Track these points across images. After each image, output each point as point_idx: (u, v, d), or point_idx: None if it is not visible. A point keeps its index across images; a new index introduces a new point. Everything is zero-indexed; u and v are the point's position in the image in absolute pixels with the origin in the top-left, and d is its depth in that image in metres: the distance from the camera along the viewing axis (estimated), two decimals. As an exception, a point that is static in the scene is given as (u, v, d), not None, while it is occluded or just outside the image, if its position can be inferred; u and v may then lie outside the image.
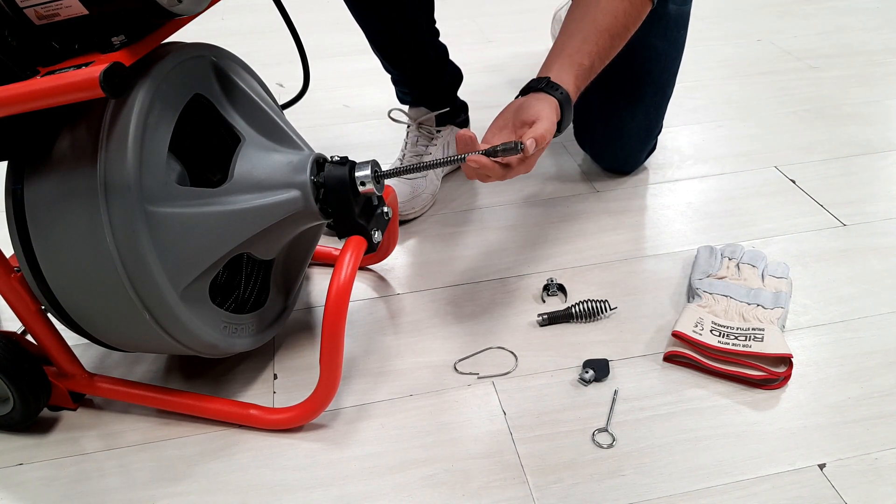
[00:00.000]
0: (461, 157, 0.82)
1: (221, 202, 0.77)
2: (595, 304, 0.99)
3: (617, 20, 0.91)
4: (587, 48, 0.91)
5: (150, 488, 0.81)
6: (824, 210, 1.20)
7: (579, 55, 0.90)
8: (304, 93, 0.98)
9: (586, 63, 0.91)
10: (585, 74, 0.91)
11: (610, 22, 0.91)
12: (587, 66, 0.91)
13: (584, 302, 1.00)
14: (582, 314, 0.99)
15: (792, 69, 1.68)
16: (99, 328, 0.80)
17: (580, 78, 0.90)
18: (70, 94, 0.63)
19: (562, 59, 0.91)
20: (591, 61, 0.91)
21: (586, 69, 0.91)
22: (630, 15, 0.92)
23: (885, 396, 0.86)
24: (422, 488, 0.79)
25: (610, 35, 0.91)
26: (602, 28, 0.91)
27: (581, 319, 0.99)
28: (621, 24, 0.92)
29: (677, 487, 0.77)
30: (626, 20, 0.92)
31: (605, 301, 1.00)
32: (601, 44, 0.91)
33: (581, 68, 0.90)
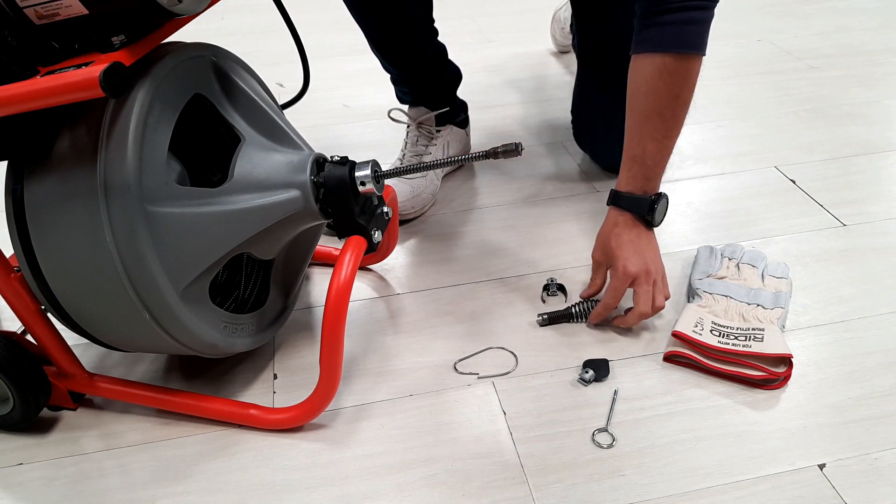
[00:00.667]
0: (461, 157, 0.84)
1: (221, 202, 0.77)
2: (595, 304, 0.99)
3: (660, 97, 0.91)
4: (636, 137, 0.95)
5: (150, 488, 0.81)
6: (824, 210, 1.20)
7: (631, 148, 0.96)
8: (304, 93, 0.98)
9: (638, 152, 0.95)
10: (639, 161, 0.95)
11: (653, 102, 0.92)
12: (639, 155, 0.95)
13: (584, 302, 1.00)
14: (582, 314, 0.99)
15: (792, 69, 1.68)
16: (99, 328, 0.80)
17: (633, 168, 0.96)
18: (70, 94, 0.63)
19: (625, 162, 0.97)
20: (642, 148, 0.94)
21: (638, 157, 0.95)
22: (673, 84, 0.91)
23: (885, 396, 0.86)
24: (422, 488, 0.79)
25: (657, 113, 0.93)
26: (646, 112, 0.93)
27: (581, 319, 0.99)
28: (666, 98, 0.91)
29: (677, 487, 0.77)
30: (673, 91, 0.91)
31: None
32: (651, 126, 0.93)
33: (633, 160, 0.96)
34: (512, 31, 1.98)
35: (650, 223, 0.97)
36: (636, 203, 0.96)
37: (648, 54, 0.90)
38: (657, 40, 0.90)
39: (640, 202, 0.96)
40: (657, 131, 0.93)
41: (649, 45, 0.90)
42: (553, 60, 1.81)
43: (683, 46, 0.89)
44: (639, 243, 0.96)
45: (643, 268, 0.94)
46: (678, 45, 0.89)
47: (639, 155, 0.94)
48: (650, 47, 0.90)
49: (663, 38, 0.89)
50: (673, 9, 0.88)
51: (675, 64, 0.89)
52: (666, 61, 0.89)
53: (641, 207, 0.96)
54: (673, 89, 0.91)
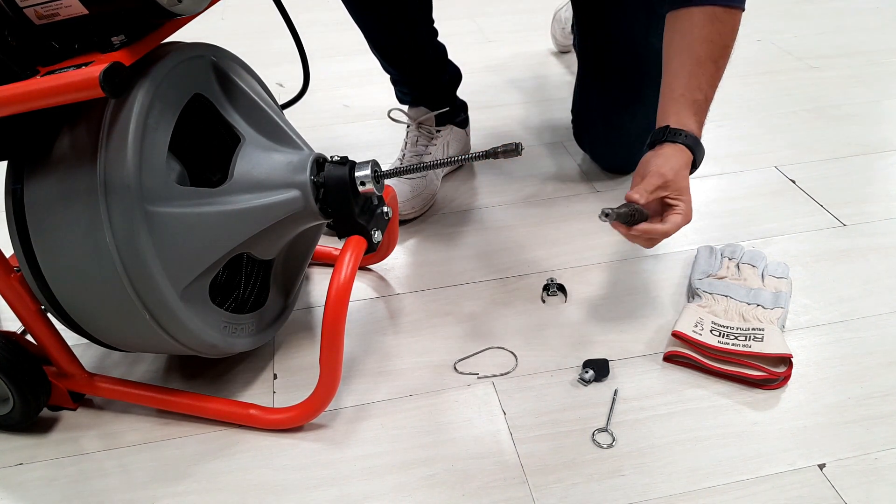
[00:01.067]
0: (461, 157, 0.84)
1: (221, 202, 0.77)
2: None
3: (714, 44, 0.91)
4: (695, 83, 0.92)
5: (150, 488, 0.81)
6: (824, 210, 1.20)
7: (691, 92, 0.92)
8: (304, 93, 0.98)
9: (700, 97, 0.92)
10: (703, 108, 0.92)
11: (708, 49, 0.91)
12: (702, 100, 0.92)
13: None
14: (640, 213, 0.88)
15: (792, 69, 1.68)
16: (99, 328, 0.80)
17: (700, 113, 0.92)
18: (70, 94, 0.63)
19: (676, 103, 0.92)
20: (703, 94, 0.92)
21: (702, 103, 0.92)
22: (723, 33, 0.91)
23: (885, 396, 0.86)
24: (422, 488, 0.79)
25: (713, 61, 0.92)
26: (703, 58, 0.91)
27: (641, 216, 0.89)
28: (719, 46, 0.91)
29: (677, 487, 0.77)
30: (723, 40, 0.92)
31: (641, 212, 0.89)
32: (708, 73, 0.92)
33: (697, 104, 0.92)
34: (512, 31, 1.98)
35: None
36: (702, 151, 0.93)
37: (698, 7, 0.91)
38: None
39: (703, 151, 0.93)
40: (713, 78, 0.93)
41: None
42: (553, 60, 1.81)
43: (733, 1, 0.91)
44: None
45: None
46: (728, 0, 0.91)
47: (702, 100, 0.92)
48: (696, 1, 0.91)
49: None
50: None
51: (724, 14, 0.91)
52: (717, 12, 0.90)
53: (702, 157, 0.94)
54: (724, 38, 0.92)
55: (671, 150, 0.90)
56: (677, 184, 0.89)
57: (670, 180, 0.88)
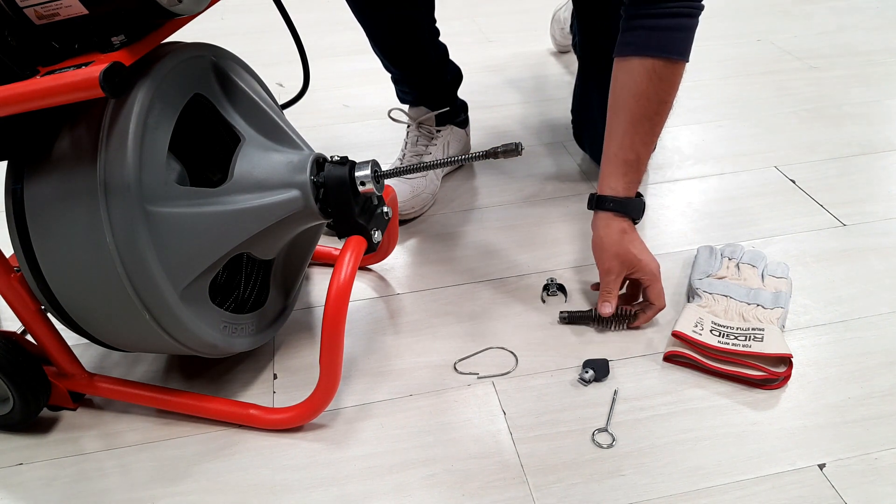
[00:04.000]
0: (461, 157, 0.84)
1: (221, 202, 0.77)
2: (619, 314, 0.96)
3: (650, 101, 0.91)
4: (628, 142, 0.93)
5: (150, 488, 0.81)
6: (824, 210, 1.20)
7: (623, 152, 0.94)
8: (304, 93, 0.98)
9: (632, 157, 0.94)
10: (633, 167, 0.95)
11: (644, 107, 0.91)
12: (633, 160, 0.94)
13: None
14: (603, 319, 0.96)
15: (792, 69, 1.68)
16: (99, 328, 0.80)
17: (630, 173, 0.95)
18: (70, 94, 0.63)
19: (609, 164, 0.95)
20: (636, 153, 0.94)
21: (633, 162, 0.94)
22: (661, 90, 0.91)
23: (885, 396, 0.86)
24: (422, 488, 0.79)
25: (647, 118, 0.92)
26: (639, 117, 0.92)
27: (601, 324, 0.97)
28: (655, 102, 0.91)
29: (677, 487, 0.77)
30: (660, 96, 0.91)
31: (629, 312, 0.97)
32: (642, 131, 0.93)
33: (627, 164, 0.94)
34: (512, 31, 1.98)
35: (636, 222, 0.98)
36: (634, 207, 0.96)
37: (638, 58, 0.90)
38: (646, 43, 0.89)
39: (637, 206, 0.96)
40: (647, 136, 0.93)
41: (637, 48, 0.90)
42: (553, 60, 1.81)
43: (673, 52, 0.89)
44: (644, 244, 0.97)
45: (658, 266, 0.96)
46: (668, 50, 0.89)
47: (633, 160, 0.94)
48: (640, 51, 0.90)
49: (652, 42, 0.89)
50: (661, 13, 0.88)
51: (664, 69, 0.89)
52: (656, 65, 0.89)
53: (637, 210, 0.97)
54: (661, 94, 0.91)
55: (603, 223, 0.96)
56: (628, 262, 0.95)
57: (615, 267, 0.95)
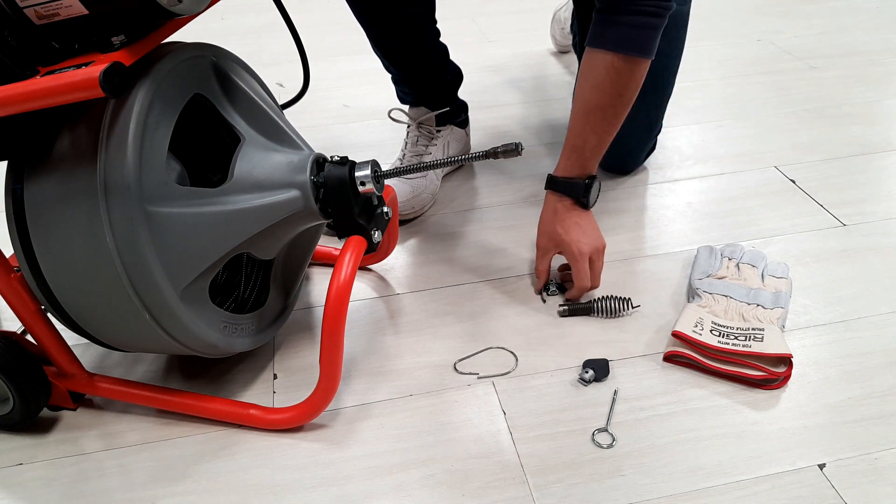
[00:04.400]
0: (461, 157, 0.84)
1: (221, 202, 0.77)
2: (617, 302, 0.99)
3: (605, 93, 0.95)
4: (578, 129, 0.99)
5: (150, 488, 0.81)
6: (824, 210, 1.20)
7: (573, 138, 1.00)
8: (304, 93, 0.98)
9: (580, 143, 1.00)
10: (582, 152, 1.00)
11: (598, 97, 0.96)
12: (580, 145, 0.99)
13: (608, 299, 1.00)
14: (604, 310, 0.99)
15: (792, 69, 1.68)
16: (99, 328, 0.80)
17: (578, 158, 1.00)
18: (70, 94, 0.63)
19: (564, 148, 1.02)
20: (583, 140, 0.99)
21: (580, 148, 1.00)
22: (619, 83, 0.94)
23: (885, 396, 0.86)
24: (422, 488, 0.79)
25: (601, 109, 0.97)
26: (592, 106, 0.97)
27: (602, 314, 1.00)
28: (611, 95, 0.95)
29: (677, 487, 0.77)
30: (617, 89, 0.95)
31: (628, 299, 1.00)
32: (594, 120, 0.97)
33: (576, 150, 1.00)
34: (512, 31, 1.98)
35: (585, 205, 1.02)
36: (573, 187, 1.01)
37: (600, 51, 0.94)
38: (611, 39, 0.93)
39: (576, 186, 1.01)
40: (598, 125, 0.97)
41: (602, 41, 0.93)
42: (553, 60, 1.81)
43: (634, 49, 0.93)
44: (582, 224, 1.01)
45: (593, 245, 1.00)
46: (629, 48, 0.92)
47: (579, 146, 0.99)
48: (603, 44, 0.93)
49: (616, 38, 0.92)
50: (630, 10, 0.91)
51: (623, 64, 0.93)
52: (615, 60, 0.93)
53: (577, 191, 1.01)
54: (618, 88, 0.95)
55: (545, 202, 1.04)
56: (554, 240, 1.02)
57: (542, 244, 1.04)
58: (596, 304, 0.99)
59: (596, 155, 1.01)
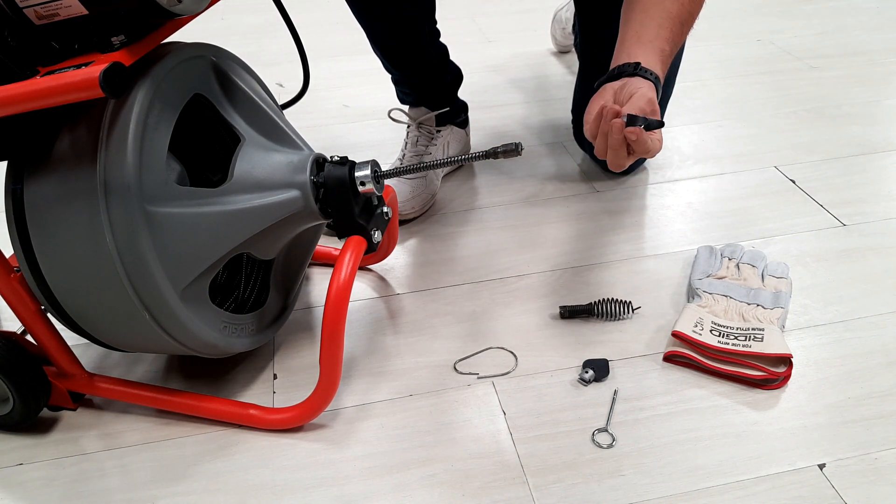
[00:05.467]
0: (461, 157, 0.84)
1: (221, 202, 0.77)
2: (618, 305, 0.99)
3: (683, 7, 0.91)
4: (664, 34, 0.90)
5: (150, 488, 0.81)
6: (824, 210, 1.20)
7: (659, 41, 0.89)
8: (304, 93, 0.98)
9: (667, 49, 0.90)
10: (667, 60, 0.90)
11: (678, 9, 0.90)
12: (668, 52, 0.90)
13: (608, 301, 0.99)
14: (603, 313, 0.99)
15: (792, 69, 1.68)
16: (99, 328, 0.80)
17: (664, 63, 0.90)
18: (70, 94, 0.63)
19: (644, 47, 0.89)
20: (670, 47, 0.90)
21: (667, 55, 0.90)
22: (694, 1, 0.91)
23: (885, 396, 0.86)
24: (422, 488, 0.79)
25: (680, 22, 0.91)
26: (673, 15, 0.90)
27: (602, 318, 0.99)
28: (687, 10, 0.91)
29: (677, 487, 0.77)
30: (691, 6, 0.91)
31: (628, 303, 0.99)
32: (675, 30, 0.91)
33: (663, 54, 0.89)
34: (512, 31, 1.98)
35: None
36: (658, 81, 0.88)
37: None
38: None
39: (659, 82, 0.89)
40: (678, 37, 0.91)
41: None
42: (553, 60, 1.81)
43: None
44: None
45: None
46: None
47: (667, 52, 0.90)
48: None
49: None
50: None
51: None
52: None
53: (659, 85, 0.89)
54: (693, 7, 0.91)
55: (645, 84, 0.85)
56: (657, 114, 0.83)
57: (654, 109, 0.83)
58: (596, 307, 0.99)
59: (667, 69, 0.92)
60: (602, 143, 0.83)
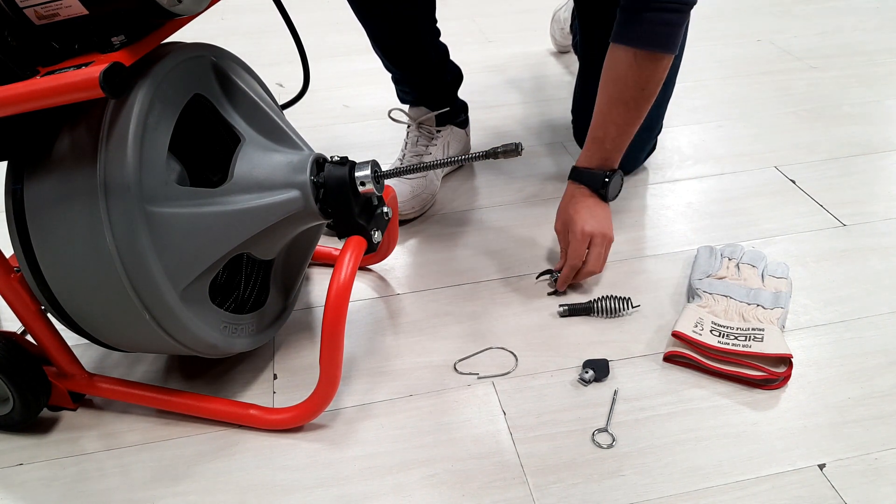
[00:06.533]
0: (461, 157, 0.84)
1: (221, 202, 0.77)
2: (617, 302, 0.99)
3: (627, 87, 0.97)
4: (599, 121, 1.01)
5: (150, 488, 0.81)
6: (824, 210, 1.20)
7: (594, 130, 1.03)
8: (304, 93, 0.98)
9: (600, 134, 1.02)
10: (602, 145, 1.02)
11: (620, 91, 0.98)
12: (601, 137, 1.02)
13: (607, 298, 1.00)
14: (603, 309, 0.99)
15: (792, 69, 1.68)
16: (99, 328, 0.80)
17: (592, 149, 1.03)
18: (70, 94, 0.63)
19: (587, 141, 1.04)
20: (604, 132, 1.01)
21: (601, 140, 1.02)
22: (641, 78, 0.96)
23: (885, 396, 0.86)
24: (422, 488, 0.79)
25: (623, 102, 0.98)
26: (613, 99, 0.99)
27: (602, 314, 1.00)
28: (633, 88, 0.97)
29: (677, 487, 0.77)
30: (640, 84, 0.97)
31: (628, 299, 1.00)
32: (615, 112, 0.99)
33: (596, 141, 1.02)
34: (512, 31, 1.98)
35: (604, 197, 1.04)
36: (592, 178, 1.03)
37: (624, 46, 0.96)
38: (634, 35, 0.95)
39: (595, 177, 1.03)
40: (620, 117, 0.99)
41: (626, 38, 0.96)
42: (553, 60, 1.81)
43: (656, 45, 0.95)
44: (594, 210, 1.03)
45: (598, 229, 1.01)
46: (651, 44, 0.94)
47: (600, 137, 1.01)
48: (626, 40, 0.95)
49: (639, 34, 0.94)
50: (653, 8, 0.92)
51: (646, 60, 0.95)
52: (638, 56, 0.95)
53: (595, 182, 1.03)
54: (640, 82, 0.97)
55: (567, 191, 1.07)
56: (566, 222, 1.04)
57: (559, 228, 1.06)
58: (596, 304, 0.99)
59: (618, 148, 1.02)
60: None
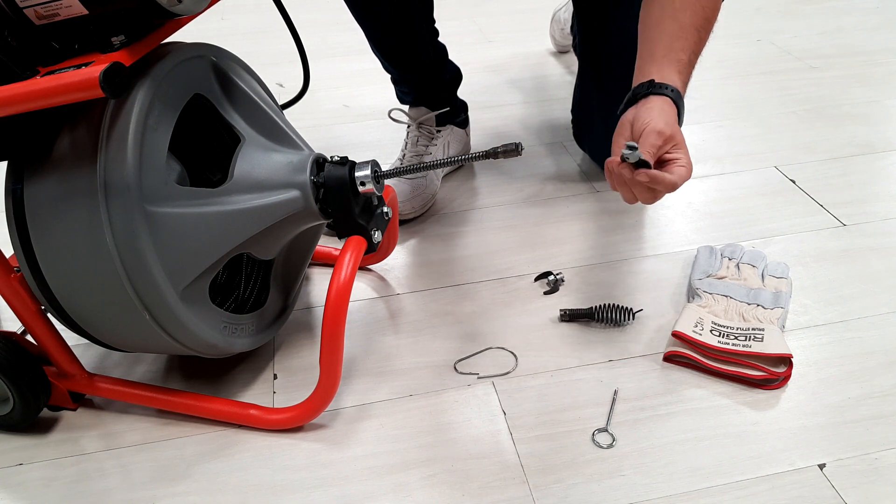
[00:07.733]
0: (461, 157, 0.84)
1: (221, 202, 0.77)
2: (619, 312, 0.98)
3: (696, 14, 0.89)
4: (678, 44, 0.88)
5: (150, 488, 0.81)
6: (824, 210, 1.20)
7: (674, 52, 0.88)
8: (304, 93, 0.98)
9: (684, 58, 0.88)
10: (686, 68, 0.88)
11: (691, 17, 0.88)
12: (686, 61, 0.88)
13: (609, 307, 0.98)
14: (605, 319, 0.98)
15: (792, 69, 1.68)
16: (99, 328, 0.80)
17: (683, 73, 0.88)
18: (70, 94, 0.63)
19: (658, 62, 0.88)
20: (687, 56, 0.88)
21: (685, 64, 0.88)
22: (706, 6, 0.89)
23: (885, 396, 0.86)
24: (422, 488, 0.79)
25: (696, 29, 0.89)
26: (686, 24, 0.88)
27: (603, 323, 0.98)
28: (701, 17, 0.89)
29: (677, 487, 0.77)
30: (706, 12, 0.89)
31: (629, 309, 0.98)
32: (690, 38, 0.89)
33: (680, 64, 0.88)
34: (512, 31, 1.98)
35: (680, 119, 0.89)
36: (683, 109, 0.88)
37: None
38: None
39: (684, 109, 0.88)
40: (696, 44, 0.90)
41: None
42: (553, 60, 1.81)
43: None
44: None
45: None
46: None
47: (685, 61, 0.88)
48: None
49: None
50: None
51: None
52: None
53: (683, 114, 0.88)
54: (706, 11, 0.89)
55: (659, 103, 0.84)
56: (675, 138, 0.83)
57: (669, 136, 0.82)
58: (597, 312, 0.99)
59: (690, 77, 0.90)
60: (625, 191, 0.83)
